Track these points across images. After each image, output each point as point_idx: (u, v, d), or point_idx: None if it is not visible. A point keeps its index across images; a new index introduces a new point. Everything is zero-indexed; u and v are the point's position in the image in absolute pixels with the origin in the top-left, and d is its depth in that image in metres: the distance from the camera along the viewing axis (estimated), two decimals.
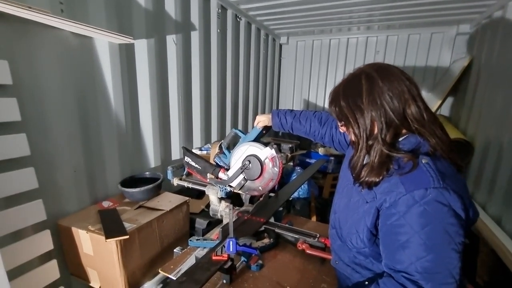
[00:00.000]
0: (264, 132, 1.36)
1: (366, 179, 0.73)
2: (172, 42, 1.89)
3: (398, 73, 0.73)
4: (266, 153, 1.25)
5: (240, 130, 1.41)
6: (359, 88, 0.74)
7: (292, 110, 1.29)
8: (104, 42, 1.43)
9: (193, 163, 1.41)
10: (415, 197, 0.65)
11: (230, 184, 1.33)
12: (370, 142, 0.73)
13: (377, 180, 0.71)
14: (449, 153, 0.71)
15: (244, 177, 1.31)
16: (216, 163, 1.42)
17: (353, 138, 0.79)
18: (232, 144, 1.43)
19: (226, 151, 1.42)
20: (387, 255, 0.71)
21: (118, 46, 1.51)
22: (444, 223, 0.63)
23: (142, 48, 1.68)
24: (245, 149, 1.29)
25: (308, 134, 1.25)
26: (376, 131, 0.72)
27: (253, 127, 1.36)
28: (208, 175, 1.38)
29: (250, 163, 1.28)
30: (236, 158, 1.32)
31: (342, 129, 0.84)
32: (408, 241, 0.65)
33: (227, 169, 1.36)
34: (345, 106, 0.76)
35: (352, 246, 0.81)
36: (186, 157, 1.43)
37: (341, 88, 0.79)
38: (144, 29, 1.67)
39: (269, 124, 1.31)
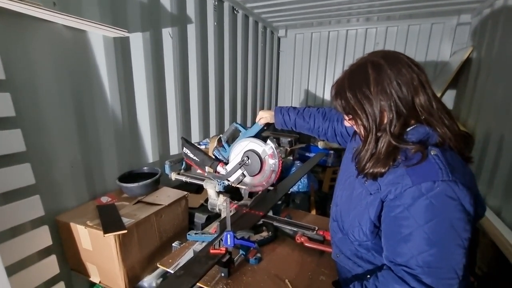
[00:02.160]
0: (265, 128, 1.34)
1: (372, 170, 0.70)
2: (168, 35, 1.86)
3: (405, 60, 0.70)
4: (266, 150, 1.24)
5: (241, 125, 1.38)
6: (366, 77, 0.69)
7: (295, 107, 1.27)
8: (98, 35, 1.41)
9: (191, 155, 1.39)
10: (422, 190, 0.62)
11: (228, 179, 1.32)
12: (378, 134, 0.70)
13: (383, 170, 0.69)
14: (458, 144, 0.69)
15: (242, 173, 1.29)
16: (215, 157, 1.40)
17: (362, 131, 0.75)
18: (232, 138, 1.41)
19: (225, 145, 1.40)
20: (388, 247, 0.70)
21: (112, 40, 1.49)
22: (451, 217, 0.61)
23: (137, 41, 1.66)
24: (245, 144, 1.28)
25: (312, 130, 1.22)
26: (385, 121, 0.69)
27: (252, 121, 1.35)
28: (207, 168, 1.37)
29: (248, 159, 1.26)
30: (236, 153, 1.31)
31: (350, 122, 0.80)
32: (411, 234, 0.63)
33: (226, 163, 1.35)
34: (352, 98, 0.72)
35: (354, 239, 0.80)
36: (184, 148, 1.40)
37: (346, 79, 0.75)
38: (139, 22, 1.64)
39: (272, 121, 1.29)
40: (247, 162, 1.26)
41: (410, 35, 3.12)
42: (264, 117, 1.28)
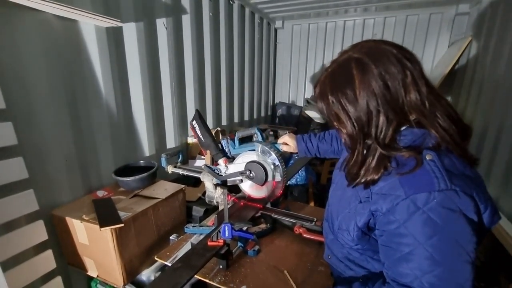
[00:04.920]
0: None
1: (363, 179, 0.65)
2: (162, 26, 1.82)
3: (394, 53, 0.60)
4: (276, 176, 1.22)
5: (261, 133, 1.34)
6: (351, 79, 0.61)
7: (315, 134, 1.24)
8: (90, 25, 1.37)
9: (199, 132, 1.29)
10: (417, 203, 0.56)
11: (226, 180, 1.27)
12: (368, 141, 0.63)
13: (376, 177, 0.63)
14: (458, 146, 0.61)
15: (241, 179, 1.26)
16: (222, 147, 1.35)
17: (346, 140, 0.67)
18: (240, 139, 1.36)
19: (237, 141, 1.35)
20: (388, 265, 0.63)
21: (105, 30, 1.45)
22: (453, 232, 0.55)
23: (131, 32, 1.61)
24: (258, 159, 1.24)
25: (338, 152, 1.17)
26: (372, 128, 0.61)
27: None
28: (208, 152, 1.32)
29: (251, 172, 1.23)
30: (244, 160, 1.27)
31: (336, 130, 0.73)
32: (411, 253, 0.57)
33: (228, 158, 1.31)
34: (334, 102, 0.64)
35: (344, 242, 0.75)
36: (194, 121, 1.29)
37: (328, 79, 0.66)
38: (133, 12, 1.60)
39: (295, 151, 1.25)
40: (250, 174, 1.23)
41: (409, 26, 3.09)
42: (288, 145, 1.24)
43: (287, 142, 1.25)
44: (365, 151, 0.65)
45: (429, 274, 0.56)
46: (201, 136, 1.27)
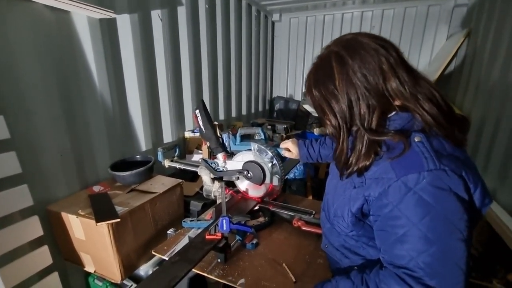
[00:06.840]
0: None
1: (355, 167, 0.66)
2: (157, 18, 1.79)
3: (370, 43, 0.63)
4: (274, 181, 1.23)
5: (264, 133, 1.34)
6: (331, 72, 0.64)
7: (316, 140, 1.26)
8: (83, 16, 1.34)
9: (201, 122, 1.28)
10: (408, 183, 0.58)
11: (223, 177, 1.27)
12: (354, 128, 0.66)
13: (368, 163, 0.65)
14: (441, 128, 0.62)
15: (237, 177, 1.27)
16: (222, 140, 1.33)
17: (331, 130, 0.70)
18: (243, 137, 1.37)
19: (238, 137, 1.34)
20: (385, 249, 0.65)
21: (98, 21, 1.41)
22: (445, 210, 0.56)
23: (125, 24, 1.58)
24: (258, 160, 1.25)
25: None
26: (356, 117, 0.64)
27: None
28: (205, 149, 1.32)
29: (250, 172, 1.23)
30: (244, 158, 1.26)
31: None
32: (406, 234, 0.58)
33: (228, 153, 1.30)
34: (317, 95, 0.68)
35: (340, 229, 0.77)
36: (198, 110, 1.28)
37: (312, 74, 0.70)
38: (126, 3, 1.56)
39: (297, 158, 1.27)
40: (248, 174, 1.23)
41: (407, 18, 3.07)
42: (289, 152, 1.26)
43: (290, 148, 1.26)
44: (351, 137, 0.67)
45: (424, 254, 0.57)
46: (202, 127, 1.27)
